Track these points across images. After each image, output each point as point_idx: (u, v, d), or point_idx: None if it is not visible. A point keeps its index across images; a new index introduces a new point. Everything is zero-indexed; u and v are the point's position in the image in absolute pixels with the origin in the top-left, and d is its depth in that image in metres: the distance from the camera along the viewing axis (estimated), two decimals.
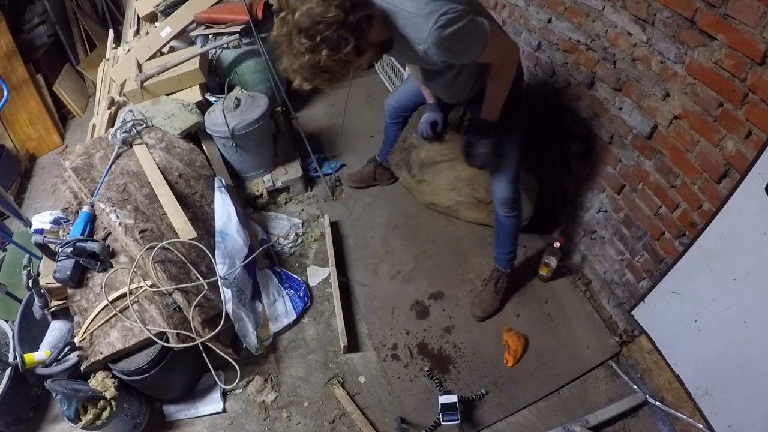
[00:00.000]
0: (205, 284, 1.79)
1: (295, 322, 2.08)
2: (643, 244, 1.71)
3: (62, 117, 3.84)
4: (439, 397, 1.71)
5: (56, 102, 3.77)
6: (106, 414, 1.62)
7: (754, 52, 1.11)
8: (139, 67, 2.61)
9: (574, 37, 1.72)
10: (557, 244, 1.96)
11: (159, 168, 2.05)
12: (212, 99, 2.57)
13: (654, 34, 1.38)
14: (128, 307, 1.67)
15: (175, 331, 1.67)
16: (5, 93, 2.89)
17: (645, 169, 1.60)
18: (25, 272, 1.76)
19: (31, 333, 1.89)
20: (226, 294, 1.81)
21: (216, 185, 2.15)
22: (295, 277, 2.19)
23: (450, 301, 2.09)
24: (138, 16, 3.22)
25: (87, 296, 1.76)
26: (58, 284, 1.76)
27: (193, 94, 2.55)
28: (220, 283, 1.81)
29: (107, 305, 1.68)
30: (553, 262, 2.00)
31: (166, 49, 2.79)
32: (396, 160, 2.33)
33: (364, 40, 1.16)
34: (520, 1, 1.98)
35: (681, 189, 1.47)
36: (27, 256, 1.89)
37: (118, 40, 3.49)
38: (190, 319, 1.71)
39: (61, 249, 1.73)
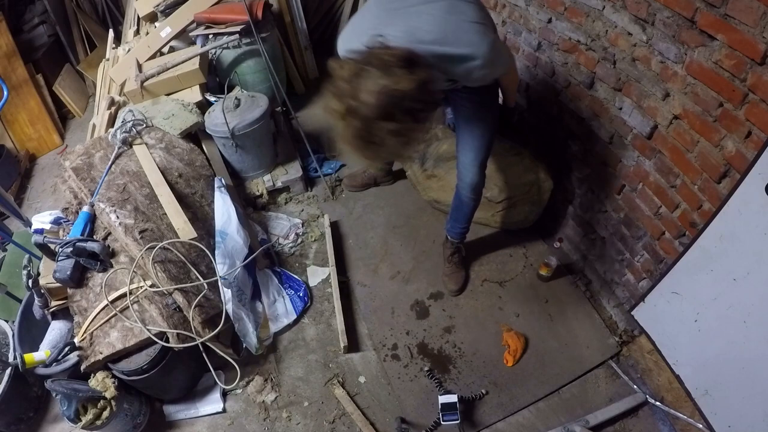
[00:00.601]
0: (205, 284, 1.79)
1: (295, 322, 2.08)
2: (643, 244, 1.71)
3: (62, 117, 3.84)
4: (439, 397, 1.71)
5: (56, 102, 3.77)
6: (106, 414, 1.62)
7: (754, 52, 1.11)
8: (139, 67, 2.61)
9: (574, 37, 1.72)
10: (557, 244, 1.97)
11: (159, 168, 2.05)
12: (212, 99, 2.57)
13: (654, 34, 1.38)
14: (128, 307, 1.67)
15: (175, 331, 1.67)
16: (5, 93, 2.89)
17: (645, 169, 1.60)
18: (25, 272, 1.76)
19: (31, 333, 1.89)
20: (226, 294, 1.81)
21: (216, 185, 2.15)
22: (295, 277, 2.19)
23: (450, 301, 2.09)
24: (138, 16, 3.22)
25: (87, 296, 1.76)
26: (58, 284, 1.76)
27: (193, 94, 2.54)
28: (220, 283, 1.81)
29: (107, 305, 1.68)
30: (553, 262, 2.00)
31: (166, 49, 2.79)
32: None
33: (431, 92, 1.07)
34: (520, 1, 1.98)
35: (681, 189, 1.47)
36: (27, 256, 1.89)
37: (118, 40, 3.49)
38: (190, 319, 1.71)
39: (61, 249, 1.73)
